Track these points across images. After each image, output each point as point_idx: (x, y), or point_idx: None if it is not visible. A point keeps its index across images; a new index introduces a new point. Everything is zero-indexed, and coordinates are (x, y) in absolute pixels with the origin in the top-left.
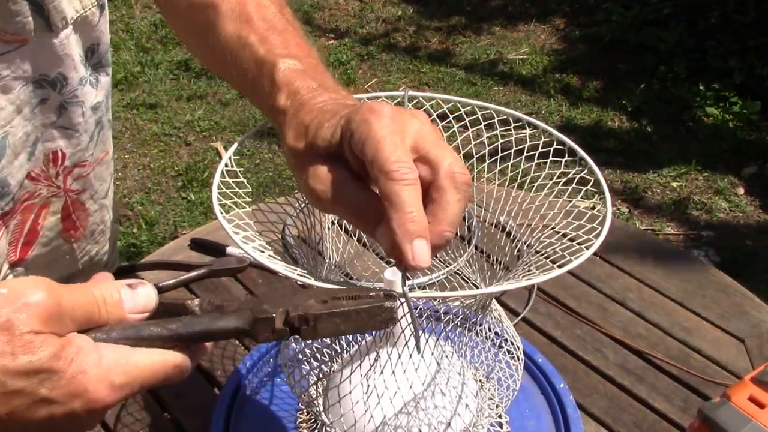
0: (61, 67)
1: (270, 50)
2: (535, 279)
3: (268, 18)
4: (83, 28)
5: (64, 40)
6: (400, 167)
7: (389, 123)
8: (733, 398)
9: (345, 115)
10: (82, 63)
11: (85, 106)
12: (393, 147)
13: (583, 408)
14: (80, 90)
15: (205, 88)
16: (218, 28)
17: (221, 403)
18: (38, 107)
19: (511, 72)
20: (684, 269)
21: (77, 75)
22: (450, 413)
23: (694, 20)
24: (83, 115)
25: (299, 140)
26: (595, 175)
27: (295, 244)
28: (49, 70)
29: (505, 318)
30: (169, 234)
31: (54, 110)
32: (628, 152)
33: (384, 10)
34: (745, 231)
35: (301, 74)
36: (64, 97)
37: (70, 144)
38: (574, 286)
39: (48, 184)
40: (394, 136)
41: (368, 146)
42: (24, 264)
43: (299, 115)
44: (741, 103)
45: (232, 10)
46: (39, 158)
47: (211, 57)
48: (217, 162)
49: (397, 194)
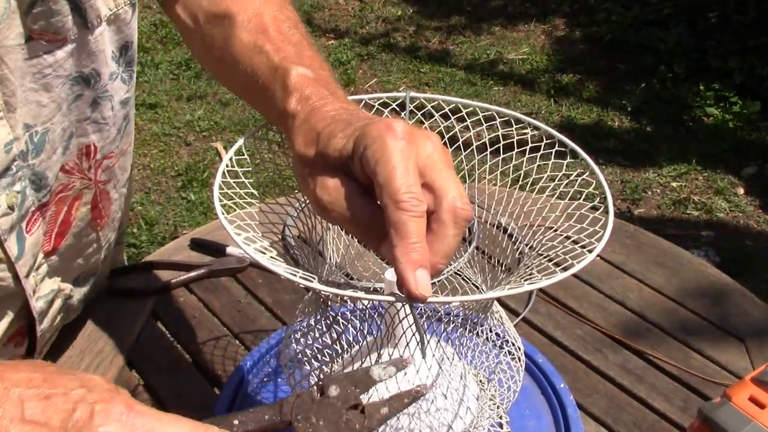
0: (95, 63)
1: (284, 58)
2: (539, 283)
3: (284, 31)
4: (116, 25)
5: (98, 37)
6: (410, 198)
7: (404, 146)
8: (733, 398)
9: (360, 128)
10: (113, 59)
11: (114, 101)
12: (405, 176)
13: (583, 408)
14: (110, 85)
15: (205, 88)
16: (233, 36)
17: (221, 403)
18: (74, 103)
19: (511, 72)
20: (684, 269)
21: (108, 70)
22: (452, 414)
23: (694, 20)
24: (112, 109)
25: (309, 147)
26: (596, 177)
27: (295, 245)
28: (85, 67)
29: (506, 319)
30: (169, 234)
31: (88, 106)
32: (628, 152)
33: (384, 10)
34: (745, 231)
35: (313, 82)
36: (97, 93)
37: (101, 137)
38: (574, 286)
39: (81, 177)
40: (408, 163)
41: (380, 168)
42: (57, 253)
43: (310, 120)
44: (741, 103)
45: (249, 21)
46: (73, 152)
47: (221, 65)
48: (217, 162)
49: (404, 224)
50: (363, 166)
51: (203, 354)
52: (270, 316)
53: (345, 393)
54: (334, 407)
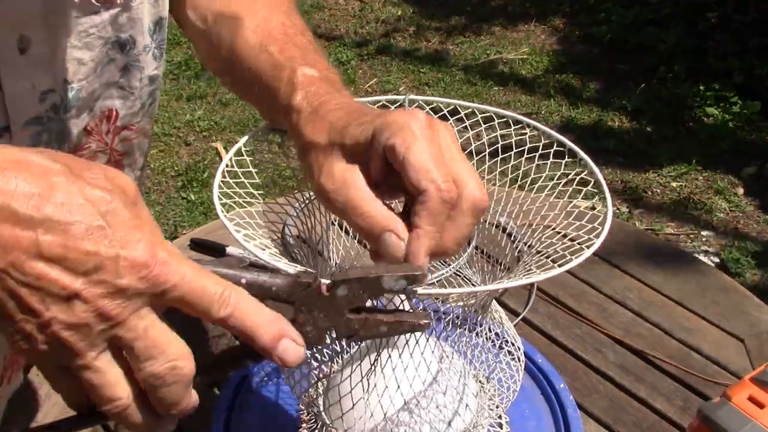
0: (133, 29)
1: (290, 58)
2: (535, 277)
3: (290, 35)
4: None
5: (139, 5)
6: (450, 188)
7: (429, 135)
8: (733, 398)
9: (378, 117)
10: (148, 32)
11: (143, 73)
12: (441, 165)
13: (583, 408)
14: (143, 56)
15: (205, 88)
16: (240, 36)
17: (221, 403)
18: (106, 66)
19: (511, 72)
20: (684, 269)
21: (143, 40)
22: (451, 413)
23: (694, 20)
24: (140, 81)
25: (319, 135)
26: (595, 176)
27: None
28: (123, 33)
29: (506, 319)
30: (169, 234)
31: (118, 70)
32: (628, 152)
33: (384, 11)
34: (745, 231)
35: (319, 80)
36: (129, 59)
37: (125, 105)
38: (573, 285)
39: (98, 139)
40: (437, 151)
41: (413, 156)
42: None
43: (318, 112)
44: (741, 103)
45: (257, 24)
46: (96, 113)
47: (226, 65)
48: (217, 162)
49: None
50: (387, 154)
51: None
52: None
53: (352, 295)
54: (338, 306)
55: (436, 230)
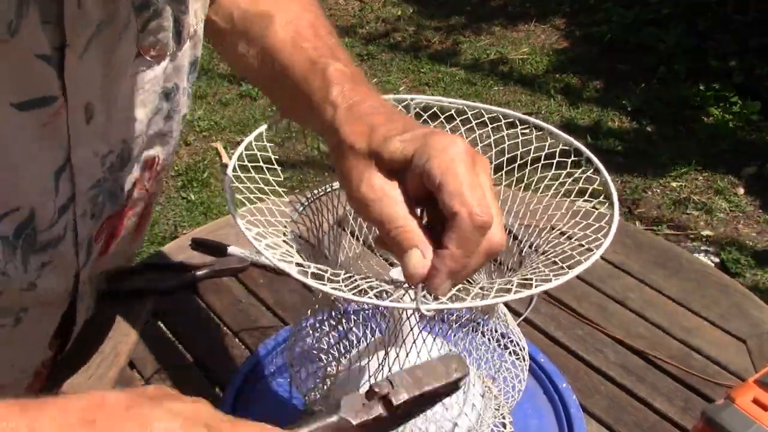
0: (177, 77)
1: (322, 55)
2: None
3: (320, 34)
4: (193, 41)
5: (183, 53)
6: (484, 213)
7: (469, 164)
8: (737, 400)
9: (421, 138)
10: (185, 74)
11: (180, 114)
12: (476, 190)
13: (584, 408)
14: (181, 99)
15: (205, 88)
16: (271, 32)
17: (224, 404)
18: (154, 117)
19: (511, 72)
20: (684, 269)
21: (182, 85)
22: (456, 412)
23: (694, 20)
24: (178, 123)
25: (360, 139)
26: (601, 175)
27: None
28: (169, 82)
29: (511, 319)
30: (169, 234)
31: (162, 119)
32: (628, 152)
33: (384, 10)
34: (745, 231)
35: (350, 77)
36: (172, 106)
37: (164, 150)
38: (575, 286)
39: (139, 188)
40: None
41: (449, 179)
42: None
43: (355, 110)
44: (741, 103)
45: (288, 22)
46: (141, 164)
47: (252, 60)
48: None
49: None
50: (423, 177)
51: (205, 354)
52: (271, 316)
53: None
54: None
55: (462, 254)
